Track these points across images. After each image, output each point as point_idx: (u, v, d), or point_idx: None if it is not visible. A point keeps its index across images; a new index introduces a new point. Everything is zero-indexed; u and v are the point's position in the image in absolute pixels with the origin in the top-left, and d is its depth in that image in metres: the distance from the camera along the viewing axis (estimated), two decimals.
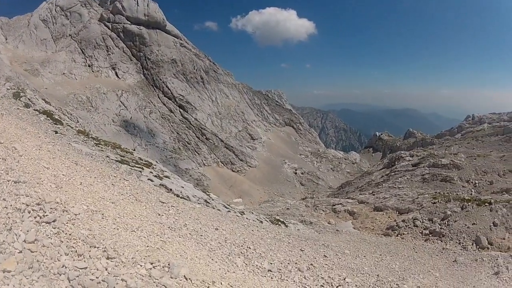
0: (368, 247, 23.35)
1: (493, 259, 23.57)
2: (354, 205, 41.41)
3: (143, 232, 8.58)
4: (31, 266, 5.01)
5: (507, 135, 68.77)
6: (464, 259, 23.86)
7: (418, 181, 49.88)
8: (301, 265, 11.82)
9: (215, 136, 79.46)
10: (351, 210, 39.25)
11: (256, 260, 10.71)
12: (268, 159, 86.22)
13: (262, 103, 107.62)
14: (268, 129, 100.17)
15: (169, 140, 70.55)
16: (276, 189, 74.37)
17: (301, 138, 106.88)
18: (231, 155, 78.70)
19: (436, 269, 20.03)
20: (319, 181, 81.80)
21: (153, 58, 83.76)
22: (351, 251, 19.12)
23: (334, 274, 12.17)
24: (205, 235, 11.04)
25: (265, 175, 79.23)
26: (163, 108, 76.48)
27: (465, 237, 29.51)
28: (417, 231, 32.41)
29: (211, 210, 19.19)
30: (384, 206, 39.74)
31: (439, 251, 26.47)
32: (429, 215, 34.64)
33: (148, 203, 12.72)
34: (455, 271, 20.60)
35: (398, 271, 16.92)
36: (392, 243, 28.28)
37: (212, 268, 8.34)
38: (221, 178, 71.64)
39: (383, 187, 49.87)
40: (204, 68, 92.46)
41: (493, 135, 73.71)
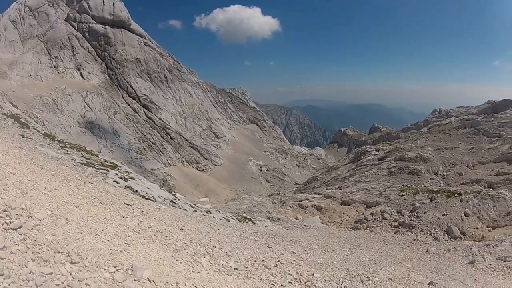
0: (337, 241, 23.26)
1: (467, 249, 23.79)
2: (321, 200, 41.71)
3: (107, 235, 8.59)
4: (2, 273, 5.10)
5: (476, 128, 70.39)
6: (436, 249, 24.01)
7: (385, 174, 50.57)
8: (268, 262, 11.70)
9: (180, 136, 78.92)
10: (318, 205, 39.46)
11: (222, 259, 10.58)
12: (233, 157, 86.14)
13: (226, 101, 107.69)
14: (232, 127, 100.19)
15: (134, 140, 69.73)
16: (242, 187, 74.35)
17: (266, 135, 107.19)
18: (196, 154, 78.33)
19: (408, 260, 20.12)
20: (284, 177, 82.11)
21: (117, 57, 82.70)
22: (319, 246, 19.05)
23: (303, 269, 12.02)
24: (170, 236, 10.98)
25: (231, 173, 79.17)
26: (127, 109, 75.53)
27: (436, 228, 30.06)
28: (386, 224, 32.82)
29: (177, 210, 18.98)
30: (351, 200, 40.09)
31: (410, 242, 26.63)
32: (397, 207, 35.21)
33: (113, 205, 12.74)
34: (427, 262, 20.70)
35: (369, 263, 16.81)
36: (362, 236, 28.37)
37: (176, 269, 8.31)
38: (186, 178, 71.23)
39: (350, 182, 50.21)
40: (168, 67, 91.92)
41: (461, 128, 75.46)
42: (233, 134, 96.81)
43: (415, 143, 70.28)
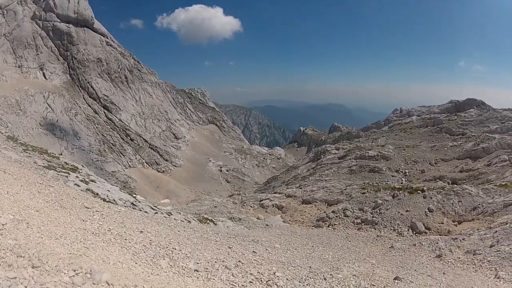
0: (299, 240, 23.22)
1: (433, 243, 24.07)
2: (282, 199, 41.89)
3: (67, 239, 8.70)
4: None
5: (438, 126, 72.09)
6: (401, 244, 24.25)
7: (346, 173, 51.18)
8: (229, 262, 11.50)
9: (140, 137, 77.85)
10: (279, 205, 39.62)
11: (182, 261, 10.38)
12: (192, 158, 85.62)
13: (185, 101, 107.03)
14: (191, 128, 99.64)
15: (94, 142, 68.33)
16: (203, 188, 74.08)
17: (225, 135, 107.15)
18: (156, 155, 77.48)
19: (372, 256, 20.12)
20: (244, 177, 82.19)
21: (79, 57, 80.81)
22: (281, 245, 18.94)
23: (264, 269, 11.85)
24: (129, 239, 10.97)
25: (191, 174, 78.67)
26: (88, 110, 73.92)
27: (400, 224, 30.46)
28: (348, 221, 33.03)
29: (137, 213, 18.80)
30: (312, 198, 40.27)
31: (373, 238, 26.93)
32: (359, 205, 35.57)
33: (73, 209, 12.88)
34: (393, 257, 20.83)
35: (332, 261, 16.73)
36: (324, 234, 28.34)
37: (135, 272, 8.31)
38: (147, 179, 70.40)
39: (310, 181, 50.46)
40: (129, 67, 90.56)
41: (423, 126, 77.16)
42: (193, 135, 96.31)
43: (376, 141, 71.41)
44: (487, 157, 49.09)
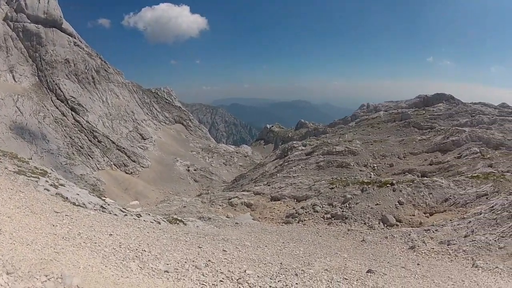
0: (269, 237, 23.33)
1: (405, 235, 24.40)
2: (251, 197, 42.02)
3: (38, 244, 8.83)
4: None
5: (406, 121, 73.26)
6: (372, 237, 24.45)
7: (313, 169, 51.40)
8: (199, 262, 11.51)
9: (107, 138, 76.51)
10: (248, 202, 39.74)
11: (152, 262, 10.38)
12: (160, 158, 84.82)
13: (151, 101, 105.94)
14: (158, 128, 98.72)
15: (63, 145, 66.85)
16: (171, 188, 73.55)
17: (192, 134, 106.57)
18: (123, 156, 76.33)
19: (344, 250, 20.23)
20: (212, 176, 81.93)
21: (47, 58, 78.93)
22: (251, 243, 18.95)
23: (234, 267, 11.87)
24: (99, 242, 11.00)
25: (159, 175, 77.93)
26: (56, 112, 72.18)
27: (370, 217, 30.74)
28: (318, 216, 33.15)
29: (106, 215, 18.71)
30: (281, 195, 40.56)
31: (344, 232, 27.08)
32: (328, 200, 35.90)
33: (43, 214, 12.94)
34: (365, 250, 20.96)
35: (303, 256, 16.76)
36: (294, 230, 28.52)
37: (105, 275, 8.36)
38: (115, 181, 69.37)
39: (278, 177, 50.49)
40: (96, 67, 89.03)
41: (390, 121, 78.27)
42: (160, 135, 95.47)
43: (343, 137, 71.95)
44: (458, 150, 50.06)
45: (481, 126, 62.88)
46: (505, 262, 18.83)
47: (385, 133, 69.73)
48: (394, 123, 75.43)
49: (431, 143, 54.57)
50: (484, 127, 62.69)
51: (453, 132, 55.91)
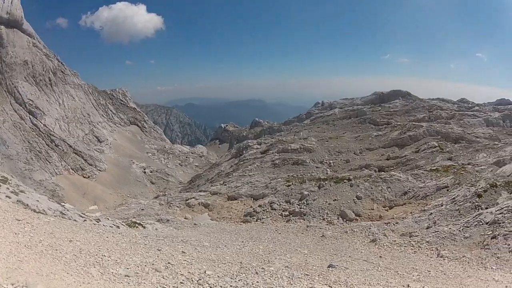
0: (228, 236, 23.52)
1: (365, 229, 24.69)
2: (208, 197, 41.86)
3: (2, 253, 8.83)
4: None
5: (361, 117, 74.73)
6: (332, 233, 24.71)
7: (269, 167, 51.61)
8: (159, 265, 11.54)
9: (64, 142, 74.42)
10: (205, 203, 39.64)
11: (112, 267, 10.32)
12: (116, 160, 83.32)
13: (107, 103, 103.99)
14: (114, 130, 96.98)
15: (22, 150, 64.69)
16: (128, 191, 72.45)
17: (147, 136, 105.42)
18: (80, 160, 74.45)
19: (304, 247, 20.32)
20: (169, 177, 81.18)
21: (7, 60, 75.97)
22: (211, 243, 19.04)
23: (194, 268, 11.91)
24: (60, 249, 10.93)
25: (116, 178, 76.52)
26: (14, 116, 69.81)
27: (329, 213, 31.11)
28: (276, 214, 33.36)
29: (66, 221, 18.64)
30: (237, 194, 40.62)
31: (303, 229, 27.27)
32: (285, 197, 36.14)
33: (6, 222, 12.77)
34: (325, 245, 21.08)
35: (263, 254, 16.86)
36: (253, 228, 28.70)
37: (67, 282, 8.35)
38: (74, 186, 67.69)
39: (234, 177, 50.48)
40: (53, 69, 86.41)
41: (346, 118, 79.52)
42: (115, 137, 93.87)
43: (298, 135, 72.35)
44: (415, 144, 51.24)
45: (440, 121, 64.35)
46: (472, 251, 19.15)
47: (341, 130, 70.66)
48: (350, 120, 76.51)
49: (388, 138, 55.61)
50: (443, 121, 64.24)
51: (410, 127, 57.04)
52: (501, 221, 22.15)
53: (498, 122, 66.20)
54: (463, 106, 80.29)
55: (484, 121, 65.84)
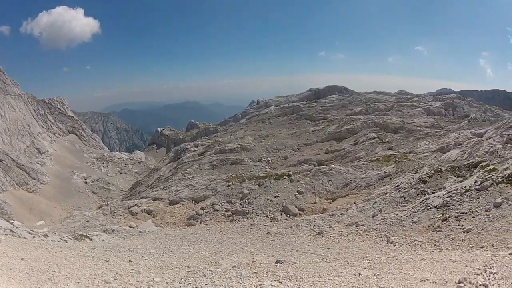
0: (174, 241, 23.53)
1: (310, 222, 25.00)
2: (150, 203, 41.77)
3: None
4: None
5: (297, 114, 75.51)
6: (277, 229, 24.86)
7: (208, 168, 51.88)
8: (107, 276, 11.55)
9: (7, 156, 71.77)
10: (148, 209, 39.50)
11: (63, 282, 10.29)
12: (58, 172, 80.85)
13: (46, 112, 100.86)
14: (53, 140, 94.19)
15: None
16: (72, 203, 70.48)
17: (85, 145, 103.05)
18: (24, 174, 71.71)
19: (250, 245, 20.42)
20: (110, 186, 79.55)
21: None
22: (157, 250, 19.07)
23: (143, 277, 12.02)
24: (13, 268, 10.93)
25: (59, 190, 74.21)
26: None
27: (272, 210, 31.50)
28: (219, 215, 33.57)
29: (16, 239, 18.72)
30: (179, 198, 40.55)
31: (248, 228, 27.42)
32: (226, 197, 36.46)
33: None
34: (271, 242, 21.20)
35: (209, 256, 16.92)
36: (198, 231, 28.72)
37: None
38: (20, 202, 65.25)
39: (174, 181, 50.28)
40: None
41: (282, 115, 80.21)
42: (55, 148, 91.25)
43: (234, 134, 73.03)
44: (354, 137, 52.55)
45: (378, 113, 65.77)
46: (424, 234, 19.60)
47: (277, 127, 71.19)
48: (286, 117, 77.24)
49: (325, 132, 56.58)
50: (381, 113, 65.73)
51: (347, 120, 58.28)
52: (450, 203, 22.85)
53: (439, 110, 68.23)
54: (401, 98, 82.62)
55: (424, 110, 67.73)
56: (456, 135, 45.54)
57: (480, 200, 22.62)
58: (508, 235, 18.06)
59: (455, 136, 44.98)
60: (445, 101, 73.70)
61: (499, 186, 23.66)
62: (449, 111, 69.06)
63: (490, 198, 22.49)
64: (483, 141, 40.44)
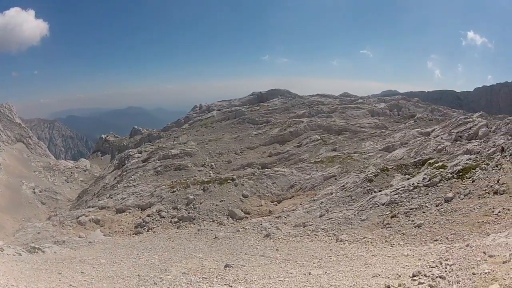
0: (123, 250, 23.24)
1: (257, 225, 25.21)
2: (97, 212, 40.95)
3: None
4: None
5: (240, 118, 75.54)
6: (225, 233, 25.12)
7: (152, 175, 51.38)
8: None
9: None
10: (96, 219, 38.78)
11: None
12: (7, 182, 77.95)
13: None
14: (2, 149, 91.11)
15: None
16: (23, 214, 68.03)
17: (32, 153, 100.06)
18: None
19: (199, 250, 20.52)
20: (57, 196, 77.20)
21: None
22: (107, 260, 18.86)
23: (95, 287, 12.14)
24: None
25: (9, 201, 71.46)
26: None
27: (218, 214, 31.59)
28: (166, 222, 33.33)
29: None
30: (125, 206, 40.20)
31: (195, 233, 27.54)
32: (172, 204, 36.28)
33: None
34: (219, 247, 21.31)
35: (159, 264, 16.95)
36: (146, 239, 28.64)
37: None
38: None
39: (119, 188, 49.50)
40: None
41: (224, 120, 79.99)
42: (4, 157, 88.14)
43: (178, 140, 72.65)
44: (297, 139, 53.01)
45: (321, 116, 66.56)
46: (373, 231, 19.97)
47: (220, 132, 71.04)
48: (229, 121, 77.16)
49: (268, 136, 56.83)
50: (324, 116, 66.55)
51: (290, 123, 58.73)
52: (398, 200, 23.43)
53: (384, 112, 69.65)
54: (345, 100, 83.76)
55: (368, 112, 69.01)
56: (402, 135, 46.71)
57: (430, 196, 23.35)
58: (463, 228, 18.65)
59: (401, 135, 46.12)
60: (390, 102, 75.46)
61: (449, 181, 24.49)
62: (394, 112, 70.71)
63: (440, 193, 23.23)
64: (430, 140, 41.60)
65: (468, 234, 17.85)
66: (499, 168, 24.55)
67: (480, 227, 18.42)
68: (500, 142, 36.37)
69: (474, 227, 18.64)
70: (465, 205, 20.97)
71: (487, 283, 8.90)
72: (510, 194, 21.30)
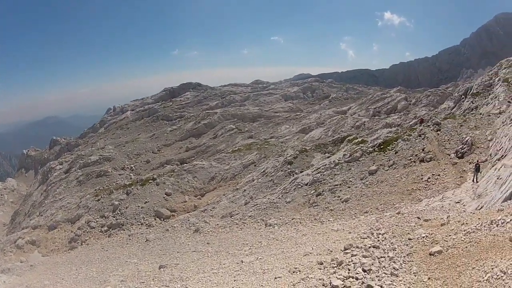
0: (63, 268, 22.99)
1: (185, 222, 25.47)
2: (31, 233, 39.49)
3: None
4: None
5: (153, 116, 74.49)
6: (155, 235, 25.22)
7: (75, 185, 49.76)
8: None
9: None
10: (31, 240, 37.38)
11: None
12: None
13: None
14: None
15: None
16: None
17: None
18: None
19: (132, 256, 20.40)
20: None
21: None
22: (50, 280, 18.58)
23: None
24: None
25: None
26: None
27: (145, 217, 31.54)
28: (96, 232, 32.88)
29: None
30: (55, 222, 38.88)
31: (126, 239, 27.40)
32: (99, 212, 35.77)
33: None
34: (152, 249, 21.22)
35: (97, 276, 16.76)
36: (81, 253, 28.17)
37: None
38: None
39: (47, 204, 47.95)
40: None
41: (139, 119, 78.64)
42: None
43: (95, 145, 70.39)
44: (212, 131, 53.09)
45: (234, 105, 66.89)
46: (300, 212, 20.44)
47: (135, 132, 69.99)
48: (143, 120, 76.05)
49: (183, 130, 56.80)
50: (237, 105, 66.94)
51: (204, 116, 58.81)
52: (321, 179, 24.13)
53: (298, 95, 70.81)
54: (257, 87, 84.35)
55: (282, 96, 70.06)
56: (318, 116, 47.81)
57: (353, 171, 24.22)
58: (392, 197, 19.45)
59: (317, 116, 47.19)
60: (303, 85, 76.82)
61: (371, 155, 25.48)
62: (307, 94, 72.16)
63: (363, 167, 24.15)
64: (347, 117, 42.79)
65: (399, 202, 18.63)
66: (423, 137, 25.79)
67: (410, 194, 19.26)
68: (422, 113, 38.02)
69: (404, 195, 19.46)
70: (391, 176, 21.90)
71: (427, 247, 9.36)
72: (438, 161, 22.40)
